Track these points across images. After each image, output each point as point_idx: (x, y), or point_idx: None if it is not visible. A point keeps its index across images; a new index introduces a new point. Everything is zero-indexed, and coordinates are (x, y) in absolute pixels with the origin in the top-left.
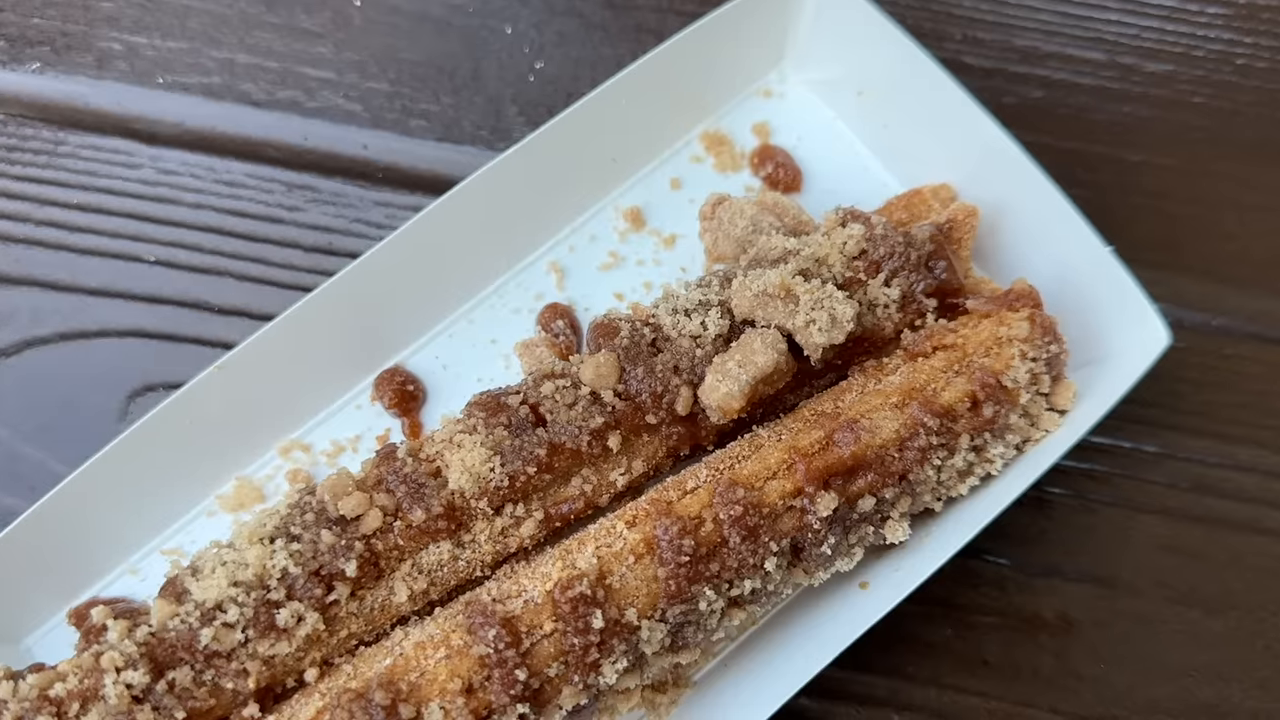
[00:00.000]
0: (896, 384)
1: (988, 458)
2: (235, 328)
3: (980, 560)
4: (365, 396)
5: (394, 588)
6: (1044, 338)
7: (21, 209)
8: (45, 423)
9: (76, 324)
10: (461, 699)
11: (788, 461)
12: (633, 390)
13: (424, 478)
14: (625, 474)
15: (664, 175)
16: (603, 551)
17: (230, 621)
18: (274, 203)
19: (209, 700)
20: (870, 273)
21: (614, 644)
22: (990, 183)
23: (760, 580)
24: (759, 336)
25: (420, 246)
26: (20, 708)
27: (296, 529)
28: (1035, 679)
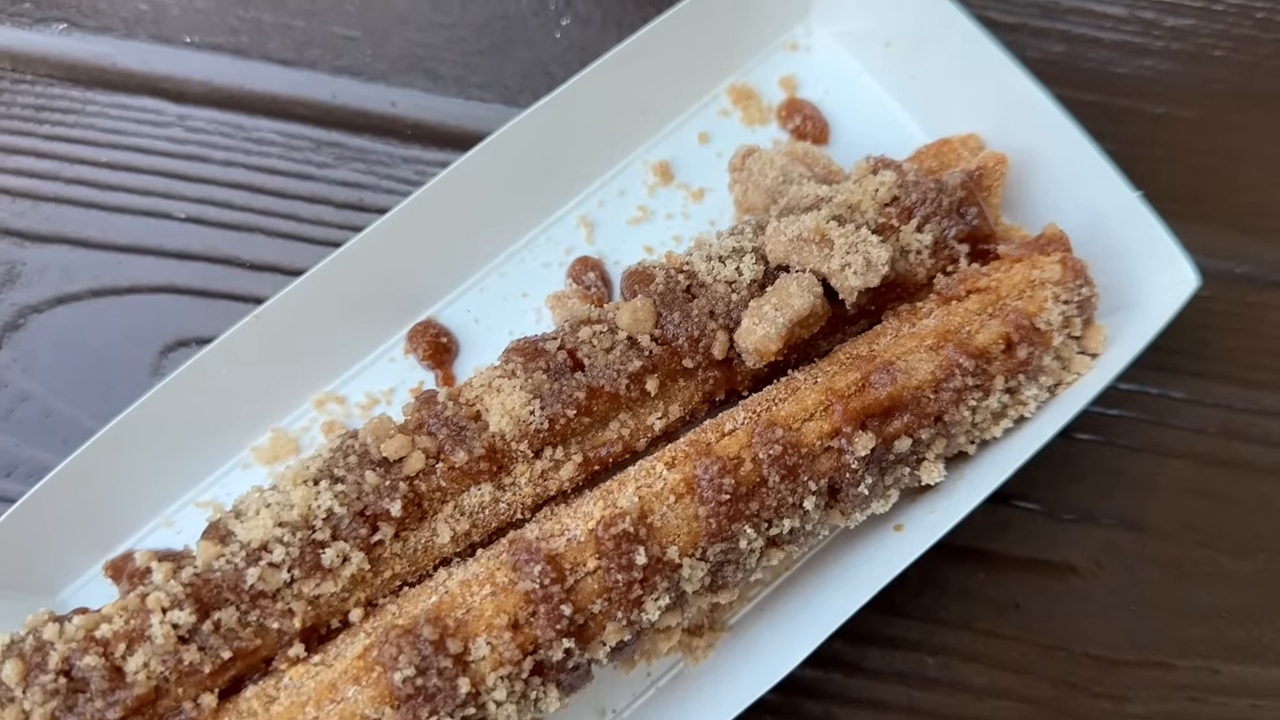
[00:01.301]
0: (931, 327)
1: (1021, 399)
2: (267, 283)
3: (1011, 506)
4: (398, 350)
5: (436, 529)
6: (1076, 281)
7: (51, 168)
8: (78, 378)
9: (108, 280)
10: (508, 634)
11: (825, 403)
12: (669, 335)
13: (465, 421)
14: (662, 418)
15: (692, 129)
16: (643, 491)
17: (276, 562)
18: (303, 160)
19: (254, 640)
20: (902, 219)
21: (656, 581)
22: (1018, 132)
23: (799, 519)
24: (795, 280)
25: (450, 201)
26: (67, 648)
27: (340, 471)
28: (1066, 622)
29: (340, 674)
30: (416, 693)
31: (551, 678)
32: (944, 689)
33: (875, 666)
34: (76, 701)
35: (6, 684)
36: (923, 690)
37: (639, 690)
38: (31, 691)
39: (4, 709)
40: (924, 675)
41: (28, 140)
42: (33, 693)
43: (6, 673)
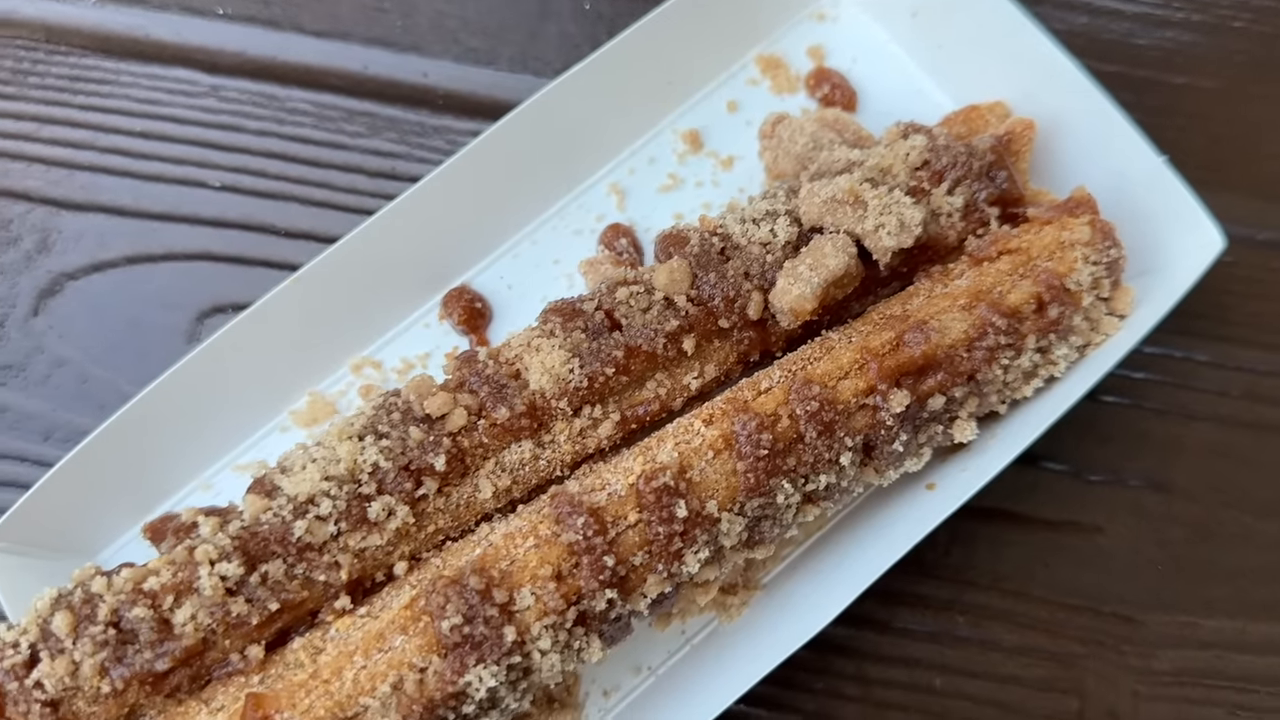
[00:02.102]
0: (964, 287)
1: (1052, 359)
2: (302, 250)
3: (1039, 468)
4: (433, 315)
5: (478, 484)
6: (1104, 242)
7: (85, 137)
8: (114, 344)
9: (143, 248)
10: (552, 584)
11: (860, 361)
12: (705, 295)
13: (505, 379)
14: (698, 378)
15: (721, 98)
16: (682, 447)
17: (323, 515)
18: (336, 129)
19: (301, 593)
20: (933, 182)
21: (696, 534)
22: (1044, 99)
23: (835, 475)
24: (829, 241)
25: (482, 170)
26: (115, 601)
27: (384, 428)
28: (1094, 582)
29: (387, 624)
30: (464, 641)
31: (594, 628)
32: (974, 647)
33: (906, 625)
34: (126, 653)
35: (56, 635)
36: (953, 648)
37: (674, 648)
38: (81, 642)
39: (54, 660)
40: (954, 634)
41: (62, 110)
42: (82, 644)
43: (57, 624)
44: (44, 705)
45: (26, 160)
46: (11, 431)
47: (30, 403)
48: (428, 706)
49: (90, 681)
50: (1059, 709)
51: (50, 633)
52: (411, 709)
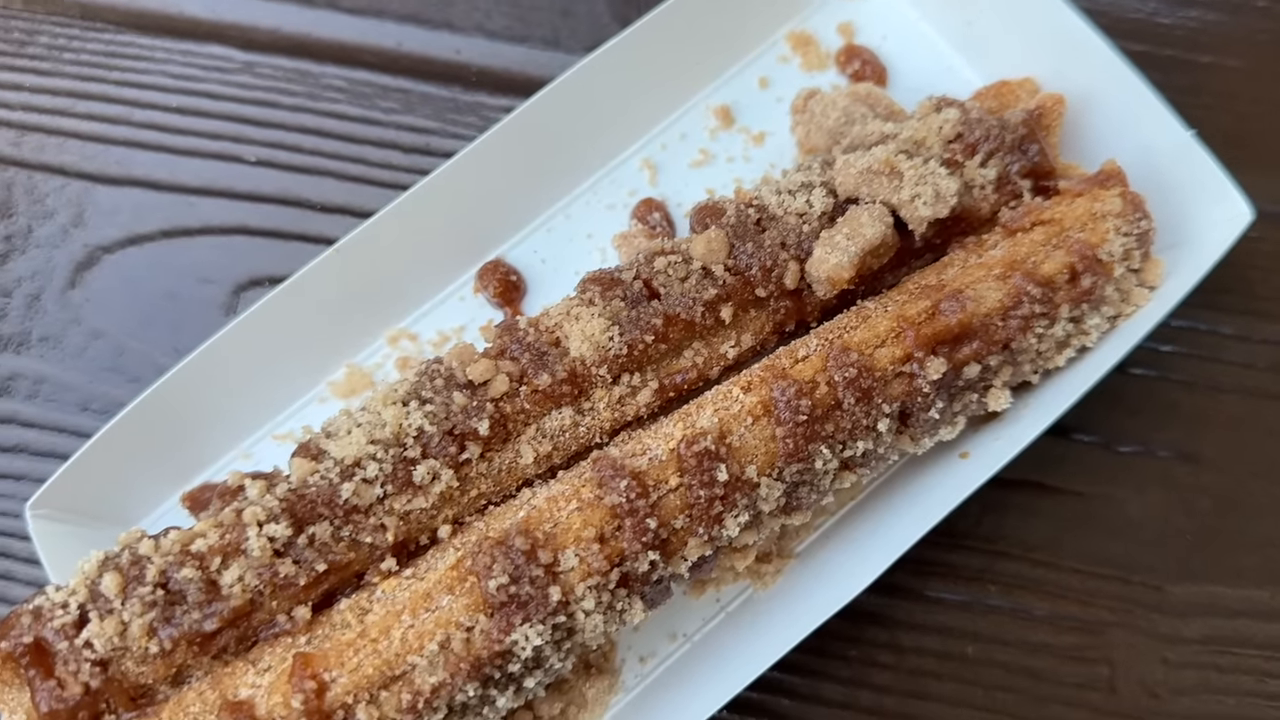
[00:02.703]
0: (999, 257)
1: (1084, 329)
2: (338, 225)
3: (1069, 439)
4: (468, 289)
5: (520, 450)
6: (1135, 214)
7: (120, 112)
8: (150, 317)
9: (179, 222)
10: (596, 546)
11: (896, 330)
12: (742, 265)
13: (546, 346)
14: (735, 346)
15: (752, 75)
16: (722, 413)
17: (369, 478)
18: (370, 105)
19: (348, 554)
20: (966, 155)
21: (736, 498)
22: (1072, 75)
23: (872, 442)
24: (865, 211)
25: (515, 145)
26: (164, 562)
27: (427, 394)
28: (1124, 551)
29: (434, 584)
30: (510, 600)
31: (636, 590)
32: (1006, 615)
33: (939, 594)
34: (174, 613)
35: (105, 595)
36: (985, 617)
37: (709, 615)
38: (130, 603)
39: (103, 620)
40: (986, 602)
41: (98, 86)
42: (131, 604)
43: (106, 584)
44: (93, 664)
45: (62, 135)
46: (49, 403)
47: (67, 374)
48: (475, 665)
49: (138, 642)
50: (1089, 676)
51: (99, 593)
52: (459, 667)
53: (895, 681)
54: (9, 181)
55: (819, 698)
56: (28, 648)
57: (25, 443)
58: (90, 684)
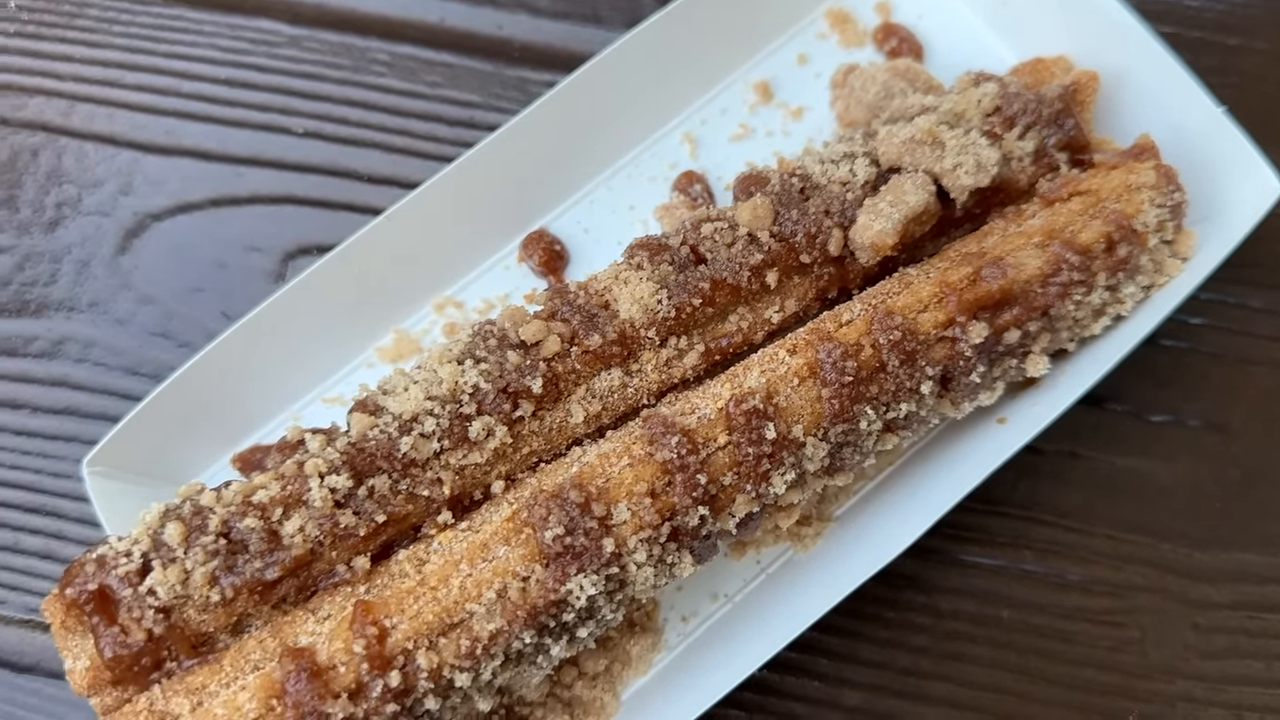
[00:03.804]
0: (1038, 225)
1: (1119, 298)
2: (384, 195)
3: (1102, 408)
4: (512, 258)
5: (570, 410)
6: (1169, 186)
7: (169, 84)
8: (199, 284)
9: (228, 191)
10: (648, 500)
11: (939, 295)
12: (787, 231)
13: (595, 309)
14: (779, 312)
15: (790, 51)
16: (769, 374)
17: (426, 432)
18: (415, 79)
19: (405, 507)
20: (1005, 127)
21: (783, 456)
22: (1105, 53)
23: (915, 404)
24: (909, 179)
25: (559, 118)
26: (226, 512)
27: (481, 353)
28: (1155, 518)
29: (490, 535)
30: (565, 551)
31: (686, 544)
32: (1040, 580)
33: (975, 559)
34: (236, 562)
35: (168, 544)
36: (1020, 582)
37: (749, 577)
38: (193, 552)
39: (166, 568)
40: (1021, 567)
41: (147, 59)
42: (194, 553)
43: (169, 534)
44: (156, 611)
45: (112, 106)
46: (98, 366)
47: (117, 339)
48: (531, 613)
49: (200, 590)
50: (1121, 639)
51: (162, 542)
52: (516, 615)
53: (931, 644)
54: (60, 150)
55: (856, 658)
56: (91, 595)
57: (75, 405)
58: (153, 630)
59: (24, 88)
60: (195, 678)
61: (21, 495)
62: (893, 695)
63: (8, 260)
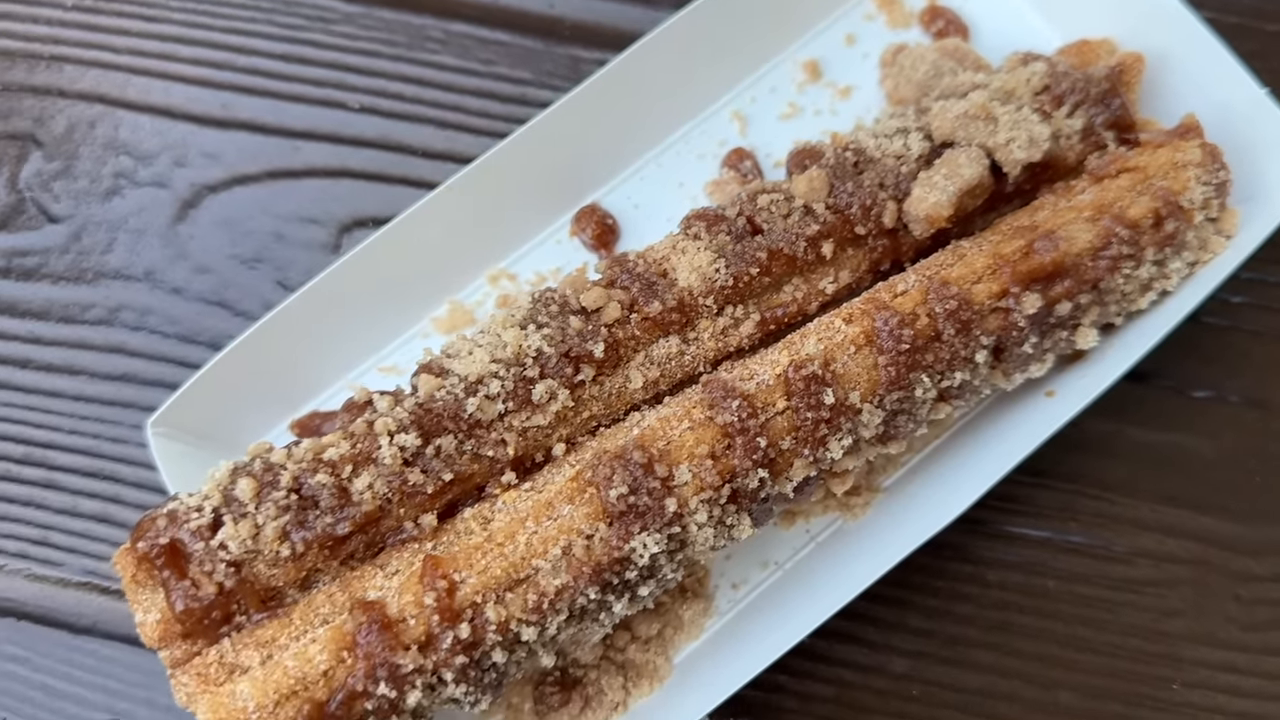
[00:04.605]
0: (1088, 201)
1: (1166, 272)
2: (438, 170)
3: (1145, 384)
4: (564, 232)
5: (629, 375)
6: (1214, 164)
7: (225, 58)
8: (256, 254)
9: (284, 164)
10: (709, 462)
11: (993, 267)
12: (842, 203)
13: (654, 277)
14: (833, 282)
15: (838, 31)
16: (825, 342)
17: (491, 394)
18: (469, 57)
19: (471, 467)
20: (1053, 106)
21: (840, 422)
22: (1149, 35)
23: (969, 373)
24: (963, 153)
25: (610, 95)
26: (297, 469)
27: (543, 319)
28: (1198, 491)
29: (555, 494)
30: (629, 510)
31: (745, 506)
32: (1085, 552)
33: (1022, 530)
34: (307, 517)
35: (240, 500)
36: (1066, 553)
37: (799, 545)
38: (264, 507)
39: (238, 523)
40: (1067, 539)
41: (203, 33)
42: (265, 508)
43: (240, 489)
44: (228, 565)
45: (168, 79)
46: (154, 334)
47: (173, 308)
48: (595, 569)
49: (271, 545)
50: (1165, 610)
51: (234, 498)
52: (581, 571)
53: (978, 613)
54: (117, 122)
55: (904, 626)
56: (163, 549)
57: (132, 372)
58: (224, 584)
59: (81, 60)
60: (265, 631)
61: (79, 460)
62: (939, 663)
63: (64, 229)
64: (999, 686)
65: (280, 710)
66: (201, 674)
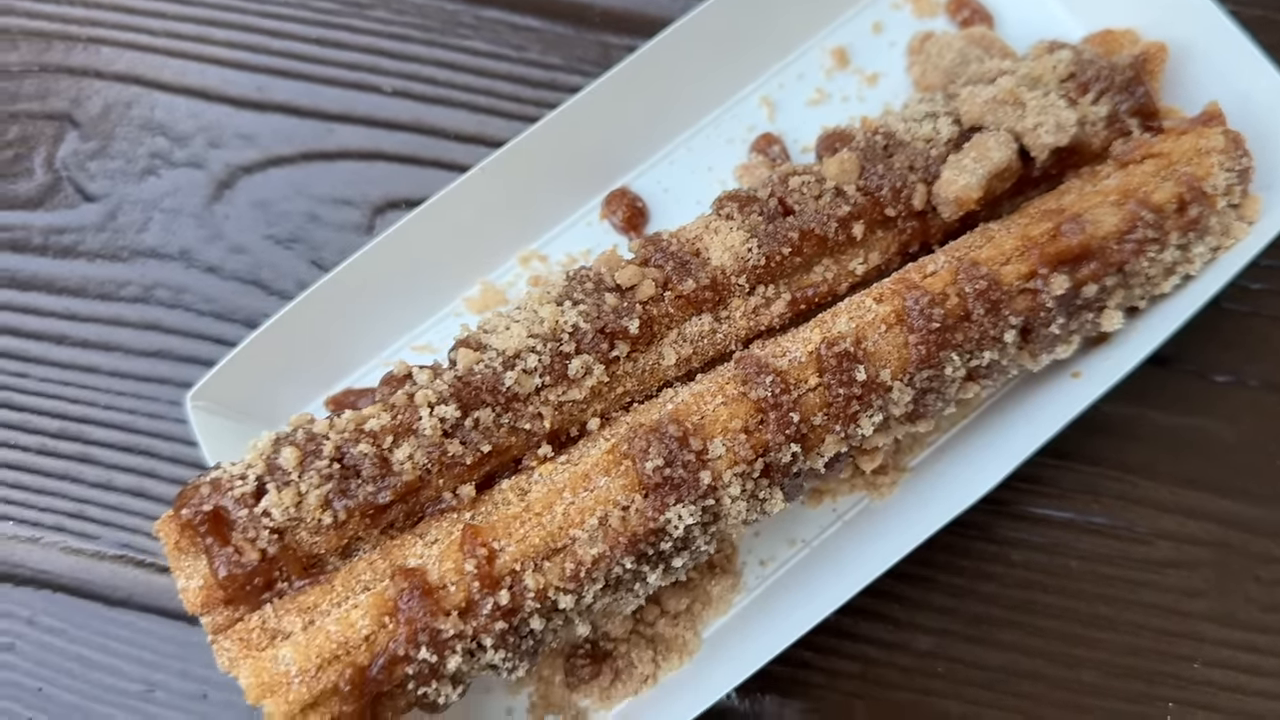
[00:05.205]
0: (1113, 185)
1: (1189, 257)
2: (470, 153)
3: (1166, 368)
4: (594, 214)
5: (663, 352)
6: (1236, 151)
7: (259, 41)
8: (291, 235)
9: (318, 146)
10: (743, 436)
11: (1021, 248)
12: (873, 185)
13: (688, 256)
14: (863, 264)
15: (866, 19)
16: (857, 320)
17: (529, 368)
18: (500, 41)
19: (508, 439)
20: (1079, 93)
21: (871, 399)
22: (1172, 25)
23: (997, 353)
24: (992, 136)
25: (640, 81)
26: (339, 439)
27: (579, 296)
28: (1218, 474)
29: (591, 466)
30: (664, 482)
31: (777, 480)
32: (1107, 532)
33: (1045, 511)
34: (349, 486)
35: (283, 468)
36: (1088, 533)
37: (826, 524)
38: (307, 475)
39: (281, 491)
40: (1089, 519)
41: (239, 16)
42: (308, 476)
43: (284, 458)
44: (271, 532)
45: (203, 61)
46: (189, 312)
47: (208, 286)
48: (631, 540)
49: (313, 513)
50: (1186, 590)
51: (277, 466)
52: (617, 540)
53: (1002, 591)
54: (152, 104)
55: (928, 605)
56: (206, 516)
57: (168, 349)
58: (267, 551)
59: (118, 42)
60: (307, 597)
61: (115, 435)
62: (963, 640)
63: (100, 208)
64: (1022, 664)
65: (322, 674)
66: (244, 639)
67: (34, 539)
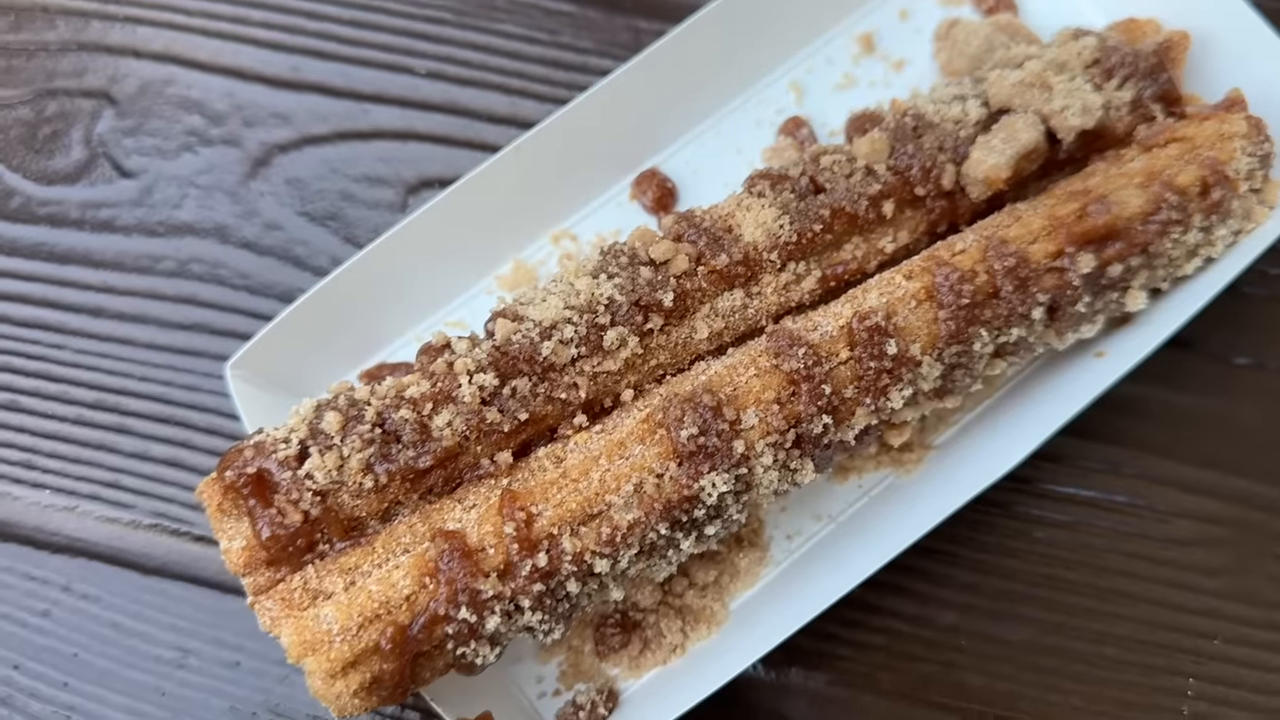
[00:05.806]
0: (1138, 167)
1: (1211, 239)
2: (502, 134)
3: (1187, 350)
4: (624, 195)
5: (695, 326)
6: (1259, 136)
7: (295, 22)
8: (325, 213)
9: (352, 125)
10: (776, 406)
11: (1048, 227)
12: (903, 165)
13: (720, 232)
14: (893, 242)
15: (893, 6)
16: (887, 296)
17: (565, 339)
18: (533, 25)
19: (545, 408)
20: (1103, 78)
21: (901, 373)
22: (1194, 16)
23: (1025, 330)
24: (1020, 118)
25: (668, 64)
26: (380, 405)
27: (613, 269)
28: (1239, 455)
29: (627, 435)
30: (698, 450)
31: (809, 451)
32: (1129, 510)
33: (1068, 489)
34: (390, 451)
35: (326, 433)
36: (1111, 511)
37: (852, 500)
38: (349, 440)
39: (324, 454)
40: (1112, 498)
41: None
42: (350, 441)
43: (327, 422)
44: (313, 495)
45: (238, 41)
46: (224, 286)
47: (244, 262)
48: (666, 506)
49: (355, 476)
50: (1207, 568)
51: (320, 431)
52: (652, 507)
53: (1024, 568)
54: (189, 83)
55: (951, 580)
56: (250, 478)
57: (203, 322)
58: (309, 513)
59: (155, 21)
60: (348, 559)
61: (151, 406)
62: (986, 616)
63: (137, 184)
64: (1044, 640)
65: (364, 633)
66: (286, 599)
67: (70, 508)
